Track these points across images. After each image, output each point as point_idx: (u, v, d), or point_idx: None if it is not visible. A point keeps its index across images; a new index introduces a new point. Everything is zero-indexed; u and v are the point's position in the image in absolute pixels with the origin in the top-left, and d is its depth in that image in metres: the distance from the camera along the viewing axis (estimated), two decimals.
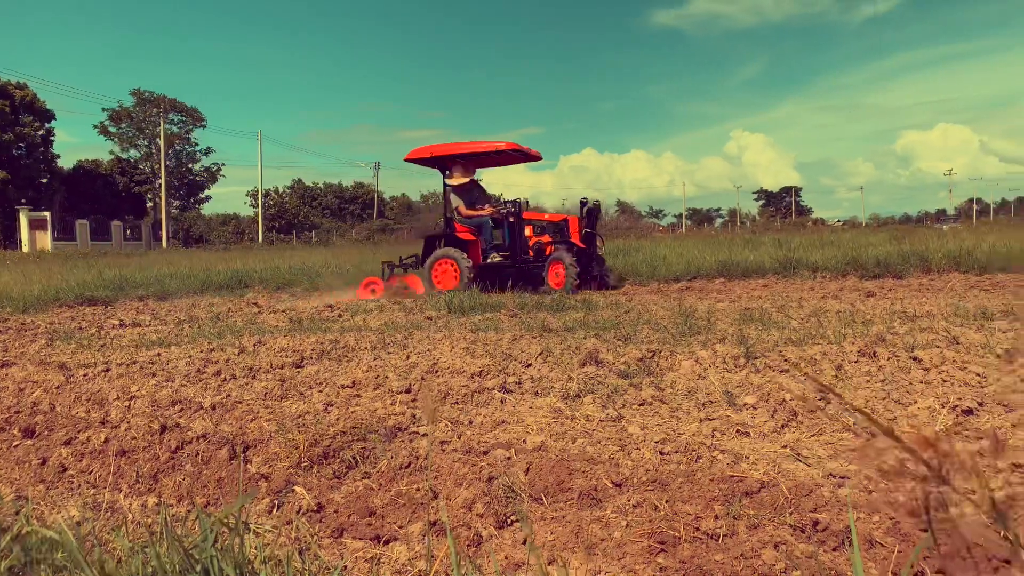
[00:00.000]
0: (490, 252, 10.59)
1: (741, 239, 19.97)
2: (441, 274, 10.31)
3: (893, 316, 5.38)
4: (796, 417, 2.85)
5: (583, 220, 10.41)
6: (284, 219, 66.62)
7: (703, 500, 2.01)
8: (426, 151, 10.90)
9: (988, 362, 3.46)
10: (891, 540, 1.74)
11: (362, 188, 73.38)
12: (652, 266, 12.06)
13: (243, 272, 13.83)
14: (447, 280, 10.23)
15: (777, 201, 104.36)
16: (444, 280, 10.26)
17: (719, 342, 4.37)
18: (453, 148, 10.66)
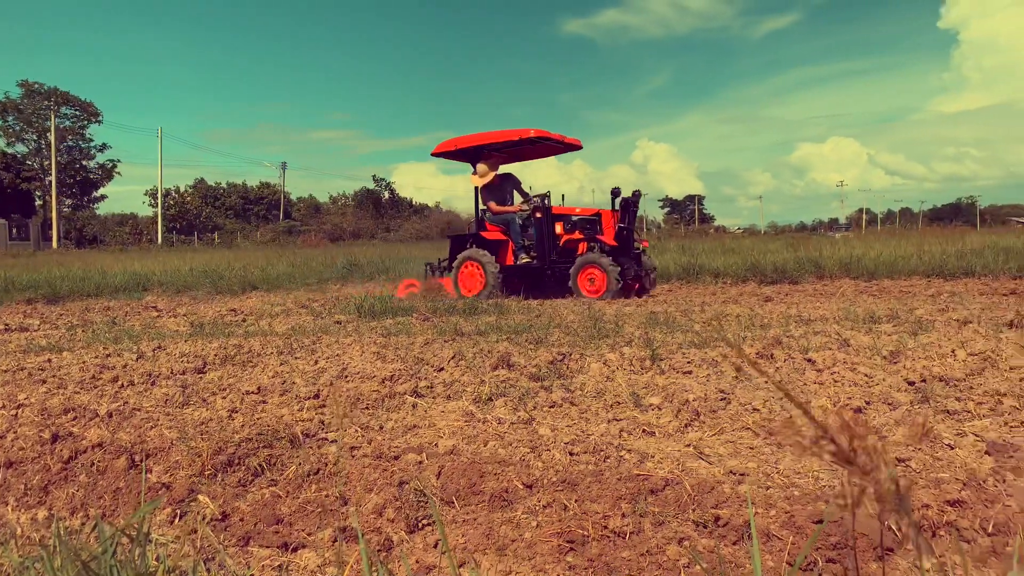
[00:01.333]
0: (519, 253, 9.77)
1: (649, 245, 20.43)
2: (466, 277, 9.57)
3: (789, 320, 5.63)
4: (699, 417, 2.96)
5: (617, 214, 9.27)
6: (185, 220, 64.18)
7: (611, 499, 2.06)
8: (451, 144, 10.09)
9: (875, 363, 3.67)
10: (786, 533, 1.83)
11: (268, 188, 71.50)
12: None
13: (141, 274, 13.26)
14: (471, 284, 9.47)
15: (681, 209, 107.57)
16: (469, 284, 9.51)
17: (626, 345, 4.48)
18: (479, 139, 9.82)
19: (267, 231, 55.03)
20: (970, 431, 2.62)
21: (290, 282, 12.24)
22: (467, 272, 9.53)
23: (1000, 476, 2.16)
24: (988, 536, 1.85)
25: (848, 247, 14.67)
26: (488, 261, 9.37)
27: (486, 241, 9.73)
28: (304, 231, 52.01)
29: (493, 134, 9.68)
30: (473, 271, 9.48)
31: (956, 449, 2.43)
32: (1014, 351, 3.74)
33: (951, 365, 3.50)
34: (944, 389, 3.16)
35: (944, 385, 3.22)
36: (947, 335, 4.45)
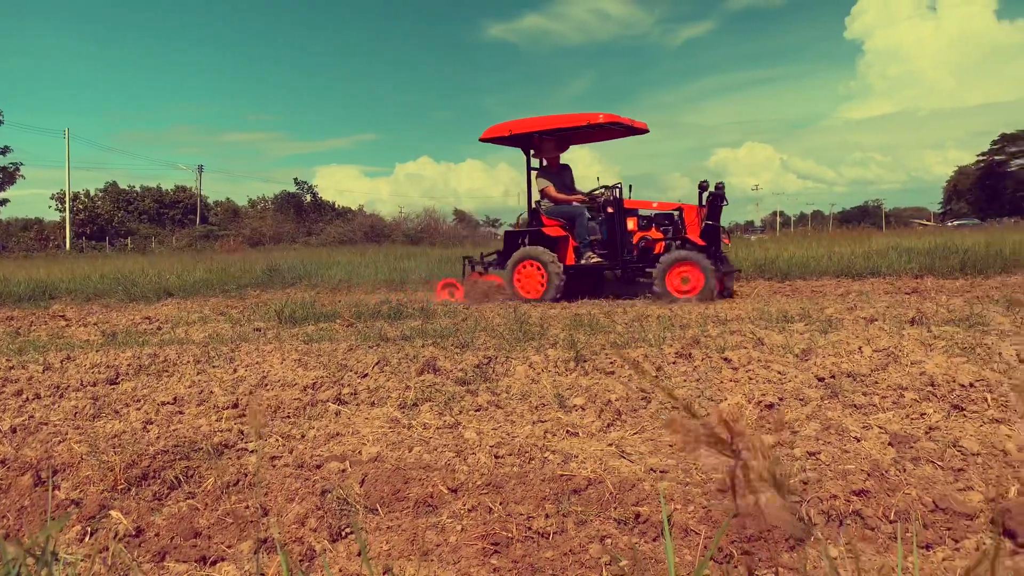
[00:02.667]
0: (585, 251, 8.81)
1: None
2: (525, 278, 8.72)
3: (707, 320, 5.80)
4: (621, 416, 3.02)
5: (703, 209, 8.44)
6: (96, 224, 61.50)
7: (535, 500, 2.08)
8: (505, 128, 9.16)
9: (788, 361, 3.82)
10: (704, 527, 1.89)
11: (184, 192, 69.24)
12: None
13: (48, 282, 12.65)
14: (531, 286, 8.66)
15: None
16: (528, 286, 8.69)
17: (551, 347, 4.53)
18: (541, 123, 8.95)
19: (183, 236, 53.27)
20: (875, 424, 2.75)
21: (207, 289, 11.89)
22: (526, 272, 8.70)
23: (901, 466, 2.28)
24: (890, 523, 1.95)
25: (763, 249, 15.18)
26: (550, 260, 8.56)
27: (545, 237, 8.89)
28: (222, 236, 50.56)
29: (558, 118, 8.87)
30: (533, 271, 8.66)
31: (862, 441, 2.55)
32: (915, 347, 3.95)
33: (858, 361, 3.66)
34: (851, 384, 3.31)
35: (852, 380, 3.37)
36: (855, 333, 4.66)
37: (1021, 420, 2.72)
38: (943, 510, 1.99)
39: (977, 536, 1.85)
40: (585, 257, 8.75)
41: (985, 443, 2.43)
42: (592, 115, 8.61)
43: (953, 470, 2.26)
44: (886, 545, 1.87)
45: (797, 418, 2.89)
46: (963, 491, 2.09)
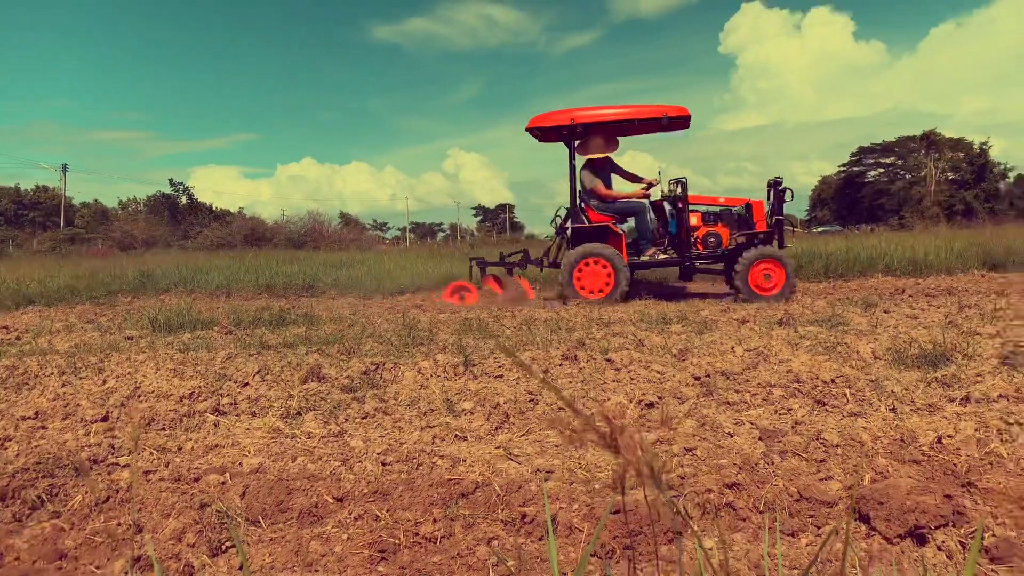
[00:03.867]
0: (647, 247, 8.51)
1: (461, 253, 20.78)
2: (589, 277, 8.19)
3: (592, 322, 5.95)
4: (509, 419, 3.05)
5: (771, 205, 8.33)
6: None
7: (423, 505, 2.08)
8: (560, 117, 8.49)
9: (666, 361, 3.97)
10: (587, 524, 1.94)
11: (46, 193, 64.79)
12: (377, 279, 12.12)
13: None
14: (596, 284, 8.16)
15: (494, 217, 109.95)
16: (592, 284, 8.18)
17: (440, 352, 4.53)
18: (602, 114, 8.43)
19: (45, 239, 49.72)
20: (746, 420, 2.90)
21: (73, 295, 11.16)
22: (590, 271, 8.20)
23: (770, 459, 2.42)
24: (759, 513, 2.07)
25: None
26: (617, 257, 8.10)
27: (608, 233, 8.43)
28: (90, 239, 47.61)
29: (630, 108, 8.45)
30: (597, 269, 8.17)
31: (735, 437, 2.69)
32: (782, 346, 4.19)
33: (731, 360, 3.85)
34: (725, 382, 3.48)
35: (725, 379, 3.55)
36: (728, 333, 4.90)
37: (876, 413, 2.94)
38: (807, 499, 2.12)
39: (837, 522, 1.99)
40: (649, 254, 8.48)
41: (844, 435, 2.61)
42: (672, 107, 8.34)
43: (816, 461, 2.42)
44: (756, 534, 1.98)
45: (675, 416, 3.01)
46: (824, 481, 2.24)
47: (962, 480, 2.20)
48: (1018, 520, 2.02)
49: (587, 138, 8.69)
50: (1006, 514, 2.03)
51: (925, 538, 1.97)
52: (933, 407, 2.96)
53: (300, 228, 39.85)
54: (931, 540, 1.96)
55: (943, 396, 3.10)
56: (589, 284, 8.20)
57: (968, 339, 4.24)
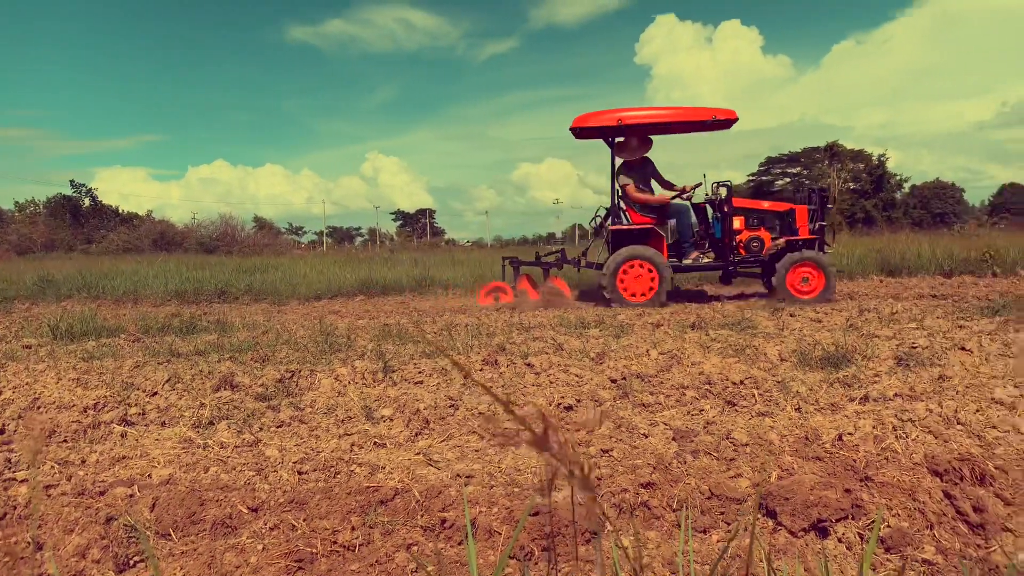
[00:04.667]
0: (689, 250, 8.46)
1: (380, 258, 20.57)
2: (632, 279, 8.10)
3: (512, 327, 5.99)
4: (429, 425, 3.05)
5: (814, 211, 8.34)
6: None
7: (341, 514, 2.06)
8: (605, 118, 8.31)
9: (584, 364, 4.04)
10: (506, 527, 1.96)
11: None
12: (292, 285, 11.87)
13: None
14: (640, 287, 8.08)
15: (413, 222, 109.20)
16: (634, 288, 8.09)
17: (359, 358, 4.48)
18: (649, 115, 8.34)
19: None
20: (661, 421, 2.98)
21: None
22: (633, 273, 8.11)
23: (683, 458, 2.50)
24: (673, 511, 2.13)
25: None
26: (661, 260, 8.05)
27: (650, 234, 8.35)
28: None
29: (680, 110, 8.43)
30: (642, 272, 8.10)
31: (649, 437, 2.76)
32: (695, 349, 4.32)
33: (646, 363, 3.95)
34: (640, 385, 3.57)
35: (640, 381, 3.63)
36: (643, 337, 5.02)
37: (782, 412, 3.07)
38: (718, 496, 2.20)
39: (745, 518, 2.07)
40: (692, 257, 8.45)
41: (753, 434, 2.72)
42: (721, 110, 8.35)
43: (726, 460, 2.51)
44: (670, 532, 2.04)
45: (593, 418, 3.07)
46: (734, 478, 2.33)
47: (861, 475, 2.32)
48: (910, 511, 2.15)
49: (623, 140, 8.67)
50: (900, 506, 2.15)
51: (827, 531, 2.07)
52: (835, 406, 3.10)
53: (212, 232, 38.61)
54: (832, 533, 2.07)
55: (844, 396, 3.26)
56: (633, 287, 8.15)
57: (867, 341, 4.46)
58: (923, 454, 2.45)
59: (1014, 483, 2.34)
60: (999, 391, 3.12)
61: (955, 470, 2.34)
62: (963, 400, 3.02)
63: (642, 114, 8.40)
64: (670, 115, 8.41)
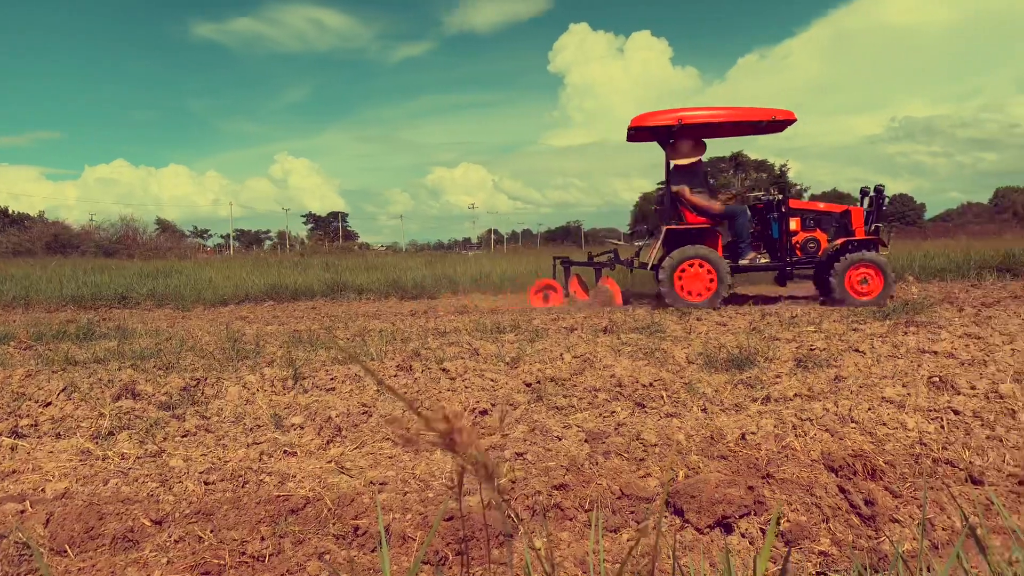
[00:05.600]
0: (746, 251, 8.38)
1: (291, 262, 20.12)
2: (691, 279, 8.03)
3: (427, 333, 5.97)
4: (341, 432, 3.01)
5: (870, 213, 8.30)
6: None
7: (250, 524, 2.01)
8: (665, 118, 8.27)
9: (500, 369, 4.06)
10: (421, 533, 1.95)
11: None
12: (197, 290, 11.48)
13: None
14: (698, 287, 8.01)
15: (325, 225, 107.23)
16: (693, 287, 8.02)
17: (268, 365, 4.37)
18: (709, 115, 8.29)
19: None
20: (574, 423, 3.03)
21: None
22: (691, 273, 8.06)
23: (594, 460, 2.55)
24: (585, 512, 2.17)
25: (479, 264, 15.93)
26: (720, 260, 8.02)
27: (704, 235, 8.33)
28: None
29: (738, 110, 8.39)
30: (700, 272, 8.05)
31: (563, 440, 2.80)
32: (607, 352, 4.41)
33: (560, 367, 4.01)
34: (554, 388, 3.62)
35: (554, 385, 3.68)
36: (557, 341, 5.09)
37: (689, 413, 3.17)
38: (628, 496, 2.25)
39: (654, 516, 2.12)
40: (749, 258, 8.40)
41: (661, 435, 2.79)
42: (780, 111, 8.32)
43: (636, 460, 2.57)
44: (582, 532, 2.07)
45: (508, 422, 3.09)
46: (644, 478, 2.39)
47: (762, 472, 2.42)
48: (808, 506, 2.26)
49: (678, 141, 8.65)
50: (798, 501, 2.26)
51: (731, 527, 2.15)
52: (739, 407, 3.23)
53: (111, 234, 36.91)
54: (736, 528, 2.15)
55: (747, 396, 3.39)
56: (691, 287, 8.09)
57: (769, 344, 4.66)
58: (820, 451, 2.58)
59: (901, 477, 2.49)
60: (889, 390, 3.31)
61: (849, 466, 2.47)
62: (856, 399, 3.19)
63: (702, 114, 8.39)
64: (730, 115, 8.41)
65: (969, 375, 3.56)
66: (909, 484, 2.43)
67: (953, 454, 2.63)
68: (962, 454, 2.64)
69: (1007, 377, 3.53)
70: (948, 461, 2.58)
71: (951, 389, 3.36)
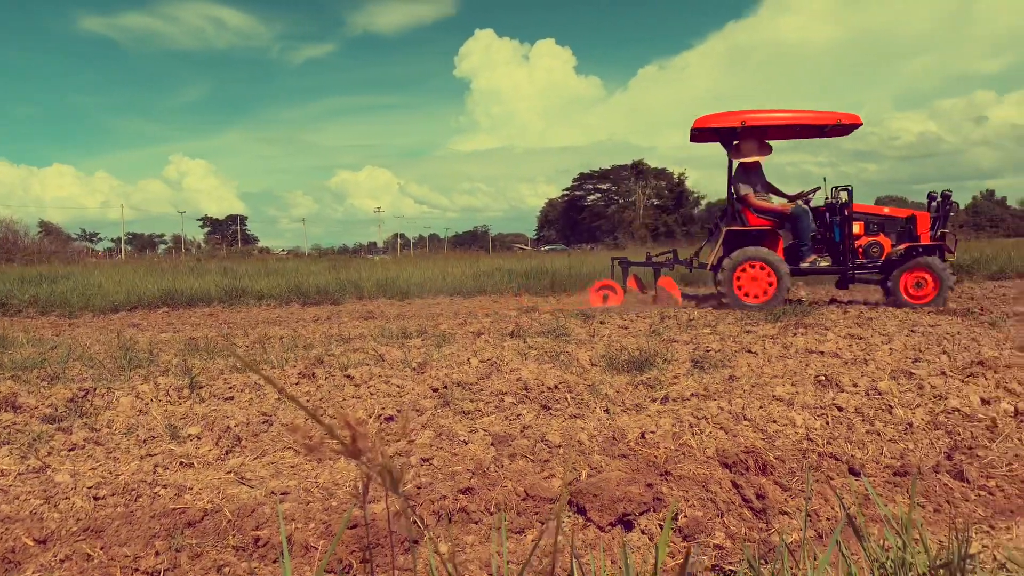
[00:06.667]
0: (807, 254, 8.29)
1: (187, 266, 19.37)
2: (749, 281, 7.97)
3: (331, 339, 5.87)
4: (240, 442, 2.92)
5: (936, 219, 8.19)
6: None
7: (143, 539, 1.93)
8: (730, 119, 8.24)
9: (406, 374, 4.04)
10: (324, 542, 1.93)
11: None
12: (86, 296, 10.89)
13: None
14: (757, 289, 7.94)
15: (224, 229, 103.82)
16: (752, 288, 7.95)
17: (162, 374, 4.20)
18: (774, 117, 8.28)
19: None
20: (480, 427, 3.05)
21: None
22: (750, 275, 8.00)
23: (500, 463, 2.57)
24: (491, 515, 2.20)
25: (385, 269, 15.78)
26: (780, 263, 7.96)
27: (768, 236, 8.27)
28: None
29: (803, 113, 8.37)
30: (759, 274, 7.99)
31: (469, 444, 2.81)
32: (513, 356, 4.46)
33: (467, 371, 4.02)
34: (461, 392, 3.63)
35: (461, 389, 3.69)
36: (465, 346, 5.10)
37: (592, 414, 3.24)
38: (533, 497, 2.29)
39: (555, 516, 2.17)
40: (809, 261, 8.34)
41: (565, 436, 2.85)
42: (845, 115, 8.31)
43: (541, 462, 2.61)
44: (487, 535, 2.09)
45: (414, 427, 3.08)
46: (548, 479, 2.43)
47: (661, 470, 2.51)
48: (704, 501, 2.35)
49: (742, 142, 8.65)
50: (695, 497, 2.35)
51: (632, 524, 2.22)
52: (639, 407, 3.33)
53: None
54: (637, 525, 2.22)
55: (647, 397, 3.50)
56: (749, 288, 8.07)
57: (668, 346, 4.81)
58: (715, 448, 2.69)
59: (790, 471, 2.63)
60: (779, 389, 3.48)
61: (742, 462, 2.59)
62: (749, 398, 3.35)
63: (766, 116, 8.45)
64: (793, 118, 8.49)
65: (852, 373, 3.79)
66: (797, 478, 2.56)
67: (837, 448, 2.79)
68: (844, 448, 2.81)
69: (885, 375, 3.78)
70: (832, 455, 2.74)
71: (836, 387, 3.57)
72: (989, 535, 2.16)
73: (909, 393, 3.40)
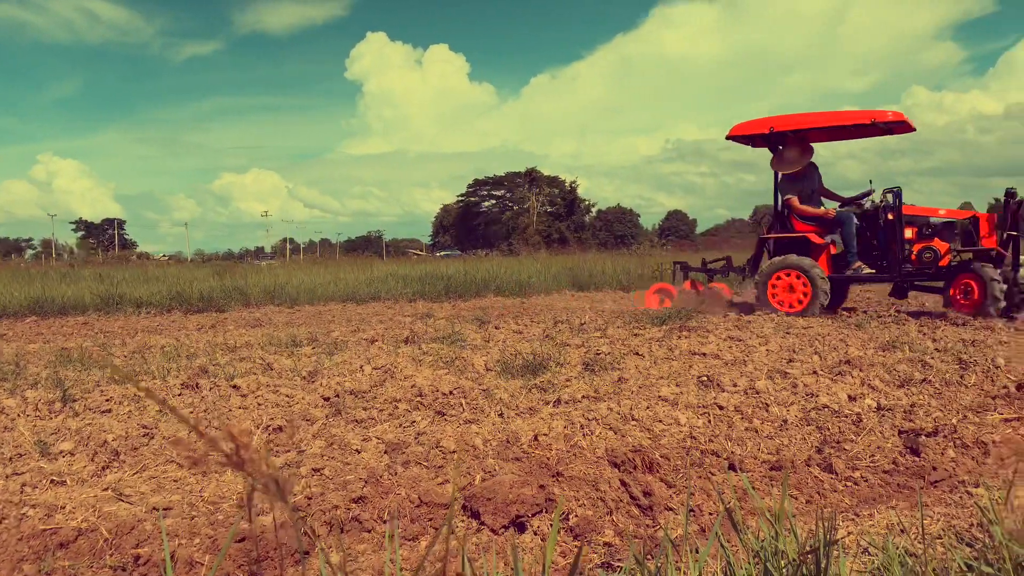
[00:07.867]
0: (853, 260, 7.89)
1: (57, 273, 18.20)
2: (783, 289, 7.82)
3: (216, 348, 5.66)
4: (119, 457, 2.78)
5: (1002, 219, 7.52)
6: None
7: (10, 563, 1.82)
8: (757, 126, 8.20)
9: (296, 383, 3.95)
10: (210, 557, 1.87)
11: None
12: None
13: None
14: (791, 298, 7.78)
15: (100, 233, 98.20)
16: (785, 298, 7.79)
17: (31, 387, 3.94)
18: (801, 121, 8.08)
19: None
20: (374, 435, 3.02)
21: None
22: (784, 283, 7.84)
23: (394, 470, 2.56)
24: (384, 523, 2.18)
25: (273, 275, 15.32)
26: (817, 271, 7.70)
27: (807, 244, 7.99)
28: None
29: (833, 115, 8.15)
30: (793, 282, 7.80)
31: (362, 453, 2.78)
32: (408, 363, 4.43)
33: (360, 379, 3.97)
34: (354, 401, 3.58)
35: (354, 397, 3.64)
36: (358, 353, 5.03)
37: (487, 419, 3.27)
38: (427, 503, 2.29)
39: (452, 521, 2.18)
40: (854, 268, 7.95)
41: (460, 441, 2.86)
42: (879, 112, 7.91)
43: (435, 467, 2.62)
44: (380, 543, 2.08)
45: (304, 438, 3.02)
46: (442, 485, 2.44)
47: (553, 471, 2.56)
48: (594, 500, 2.42)
49: (781, 151, 8.44)
50: (585, 496, 2.41)
51: (525, 525, 2.26)
52: (532, 410, 3.38)
53: None
54: (529, 527, 2.25)
55: (540, 400, 3.56)
56: (783, 296, 7.90)
57: (560, 350, 4.91)
58: (605, 448, 2.77)
59: (675, 468, 2.73)
60: (664, 390, 3.61)
61: (630, 461, 2.67)
62: (637, 399, 3.46)
63: (793, 120, 8.28)
64: (820, 120, 8.25)
65: (732, 374, 3.98)
66: (681, 475, 2.67)
67: (718, 445, 2.93)
68: (725, 445, 2.95)
69: (762, 375, 3.99)
70: (714, 452, 2.87)
71: (717, 387, 3.74)
72: (854, 522, 2.32)
73: (784, 391, 3.60)
